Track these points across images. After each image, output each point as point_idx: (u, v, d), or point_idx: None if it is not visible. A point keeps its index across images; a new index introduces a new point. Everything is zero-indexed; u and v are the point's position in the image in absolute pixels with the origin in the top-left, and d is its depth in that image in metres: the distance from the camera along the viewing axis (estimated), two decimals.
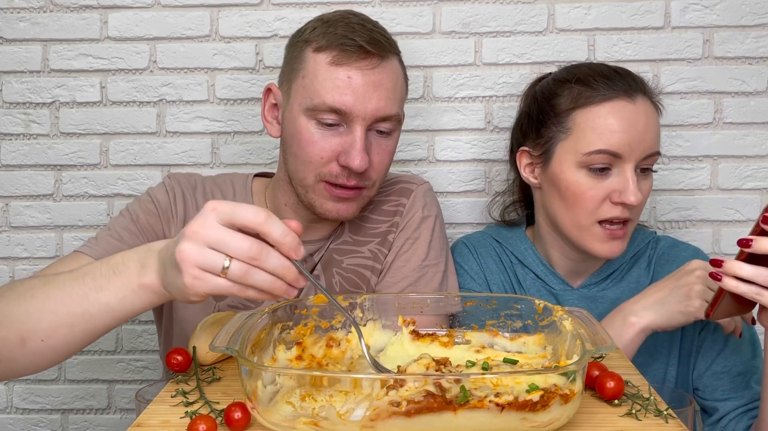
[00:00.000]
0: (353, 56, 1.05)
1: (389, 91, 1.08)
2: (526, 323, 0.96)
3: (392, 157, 1.14)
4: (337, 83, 1.05)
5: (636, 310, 1.09)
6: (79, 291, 0.84)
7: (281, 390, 0.75)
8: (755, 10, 1.45)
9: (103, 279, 0.84)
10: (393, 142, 1.13)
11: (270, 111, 1.16)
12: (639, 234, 1.27)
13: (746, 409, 1.13)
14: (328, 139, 1.07)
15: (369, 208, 1.20)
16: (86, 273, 0.85)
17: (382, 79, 1.07)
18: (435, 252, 1.19)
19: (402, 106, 1.13)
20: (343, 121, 1.07)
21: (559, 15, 1.47)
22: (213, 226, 0.75)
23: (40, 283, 0.88)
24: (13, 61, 1.49)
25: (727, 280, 0.92)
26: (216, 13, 1.48)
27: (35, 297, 0.86)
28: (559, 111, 1.17)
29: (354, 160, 1.05)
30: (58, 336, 0.85)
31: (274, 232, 0.75)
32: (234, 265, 0.75)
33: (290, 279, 0.77)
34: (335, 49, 1.06)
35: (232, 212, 0.75)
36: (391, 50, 1.10)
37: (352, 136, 1.06)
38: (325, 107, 1.05)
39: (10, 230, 1.53)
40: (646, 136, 1.12)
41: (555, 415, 0.71)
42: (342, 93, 1.05)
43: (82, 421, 1.57)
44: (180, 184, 1.20)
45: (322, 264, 1.18)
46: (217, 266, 0.75)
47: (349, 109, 1.05)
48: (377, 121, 1.08)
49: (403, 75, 1.14)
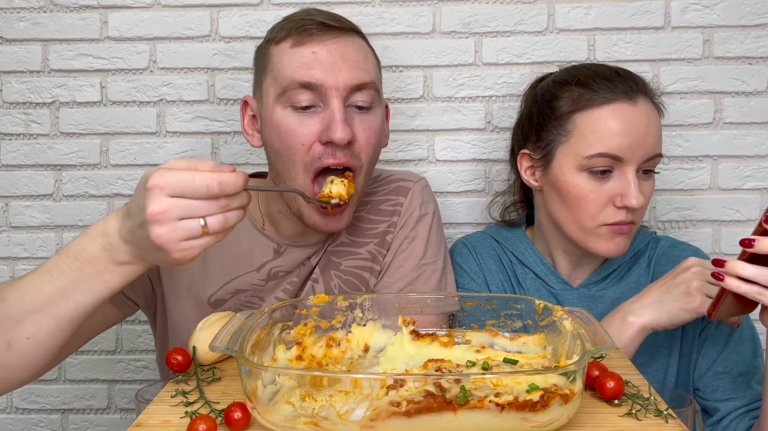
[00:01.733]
0: (314, 33, 1.04)
1: (358, 62, 1.05)
2: (526, 323, 0.96)
3: (379, 138, 1.10)
4: (303, 60, 1.03)
5: (635, 309, 1.09)
6: (53, 286, 0.86)
7: (281, 390, 0.75)
8: (755, 10, 1.45)
9: (75, 271, 0.86)
10: (376, 120, 1.08)
11: (250, 123, 1.15)
12: (639, 234, 1.27)
13: (747, 409, 1.13)
14: (305, 122, 1.04)
15: (366, 208, 1.20)
16: (51, 269, 0.87)
17: (348, 50, 1.05)
18: (433, 250, 1.19)
19: (377, 79, 1.09)
20: (318, 99, 1.04)
21: (559, 15, 1.47)
22: (171, 202, 0.79)
23: (6, 288, 0.90)
24: (13, 61, 1.49)
25: (729, 280, 0.92)
26: (216, 13, 1.48)
27: (8, 300, 0.88)
28: (559, 113, 1.16)
29: (335, 132, 1.01)
30: (44, 329, 0.87)
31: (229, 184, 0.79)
32: (211, 221, 0.80)
33: (245, 202, 0.83)
34: (295, 32, 1.05)
35: (182, 190, 0.79)
36: (353, 29, 1.09)
37: (330, 110, 1.03)
38: (295, 85, 1.03)
39: (10, 230, 1.53)
40: (647, 139, 1.12)
41: (555, 415, 0.71)
42: (309, 67, 1.03)
43: (82, 421, 1.57)
44: None
45: (320, 267, 1.17)
46: (196, 230, 0.79)
47: (320, 80, 1.02)
48: (352, 91, 1.04)
49: (372, 53, 1.11)
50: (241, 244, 1.16)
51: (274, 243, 1.16)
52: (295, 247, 1.16)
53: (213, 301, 1.14)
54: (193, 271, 1.14)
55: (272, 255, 1.16)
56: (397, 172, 1.26)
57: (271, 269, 1.15)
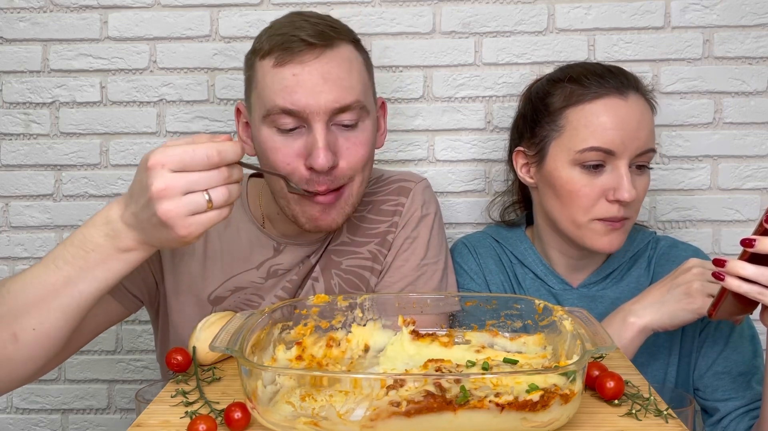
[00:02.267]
0: (295, 52, 1.02)
1: (342, 79, 1.03)
2: (526, 323, 0.96)
3: (369, 148, 1.08)
4: (284, 83, 1.02)
5: (635, 310, 1.09)
6: (58, 275, 0.87)
7: (281, 390, 0.75)
8: (755, 10, 1.45)
9: (79, 260, 0.87)
10: (364, 134, 1.07)
11: (244, 130, 1.15)
12: (639, 234, 1.27)
13: (747, 409, 1.13)
14: (290, 144, 1.03)
15: (367, 208, 1.20)
16: (55, 259, 0.88)
17: (330, 69, 1.02)
18: (434, 251, 1.19)
19: (366, 92, 1.07)
20: (301, 122, 1.03)
21: (559, 15, 1.47)
22: (174, 177, 0.80)
23: (11, 281, 0.91)
24: (13, 61, 1.49)
25: (729, 280, 0.92)
26: (216, 13, 1.48)
27: (13, 292, 0.89)
28: (552, 110, 1.17)
29: (316, 160, 1.01)
30: (50, 319, 0.88)
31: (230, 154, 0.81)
32: (215, 194, 0.81)
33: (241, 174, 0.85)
34: (277, 50, 1.03)
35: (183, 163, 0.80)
36: (338, 38, 1.05)
37: (313, 135, 1.02)
38: (277, 110, 1.02)
39: (10, 230, 1.53)
40: (639, 133, 1.12)
41: (555, 415, 0.71)
42: (290, 92, 1.01)
43: (82, 421, 1.57)
44: None
45: (320, 266, 1.17)
46: (201, 204, 0.81)
47: (302, 107, 1.01)
48: (335, 113, 1.03)
49: (361, 60, 1.08)
50: (241, 242, 1.16)
51: (274, 241, 1.17)
52: (295, 245, 1.16)
53: (213, 299, 1.14)
54: (193, 269, 1.14)
55: (272, 253, 1.16)
56: (399, 173, 1.26)
57: (270, 267, 1.16)
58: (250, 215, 1.18)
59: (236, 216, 1.17)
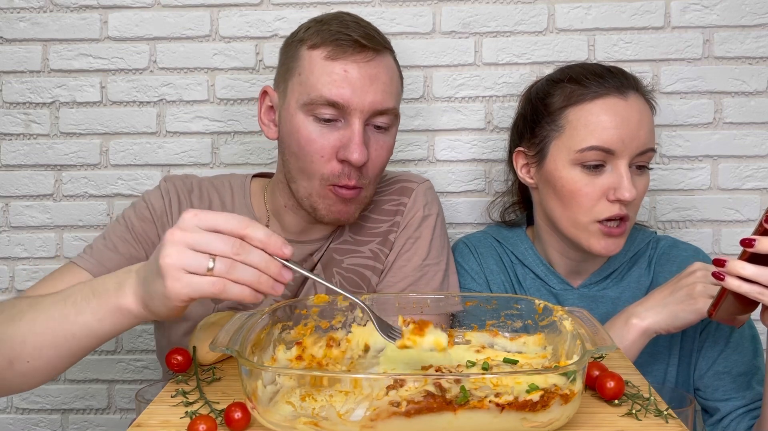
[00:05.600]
0: (348, 50, 1.05)
1: (386, 85, 1.08)
2: (526, 323, 0.96)
3: (389, 155, 1.14)
4: (334, 77, 1.05)
5: (638, 312, 1.09)
6: (62, 313, 0.86)
7: (281, 390, 0.75)
8: (755, 10, 1.45)
9: (83, 302, 0.85)
10: (390, 139, 1.13)
11: (266, 113, 1.16)
12: (639, 234, 1.27)
13: (747, 409, 1.13)
14: (326, 135, 1.06)
15: (369, 208, 1.20)
16: (69, 296, 0.87)
17: (378, 73, 1.07)
18: (436, 251, 1.19)
19: (398, 102, 1.13)
20: (340, 115, 1.06)
21: (559, 15, 1.47)
22: (194, 230, 0.77)
23: (26, 306, 0.89)
24: (13, 61, 1.49)
25: (729, 280, 0.92)
26: (216, 13, 1.48)
27: (22, 319, 0.88)
28: (552, 110, 1.17)
29: (353, 153, 1.04)
30: (43, 357, 0.87)
31: (258, 235, 0.77)
32: (218, 262, 0.76)
33: (273, 273, 0.78)
34: (330, 44, 1.06)
35: (214, 219, 0.77)
36: (385, 46, 1.10)
37: (351, 129, 1.06)
38: (322, 101, 1.05)
39: (10, 230, 1.53)
40: (639, 133, 1.12)
41: (555, 415, 0.71)
42: (339, 86, 1.04)
43: (82, 421, 1.57)
44: (176, 186, 1.20)
45: (322, 264, 1.18)
46: (202, 266, 0.76)
47: (347, 101, 1.05)
48: (375, 114, 1.07)
49: (398, 72, 1.13)
50: None
51: None
52: (298, 243, 1.17)
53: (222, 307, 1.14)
54: None
55: None
56: (401, 173, 1.27)
57: None
58: (253, 214, 1.19)
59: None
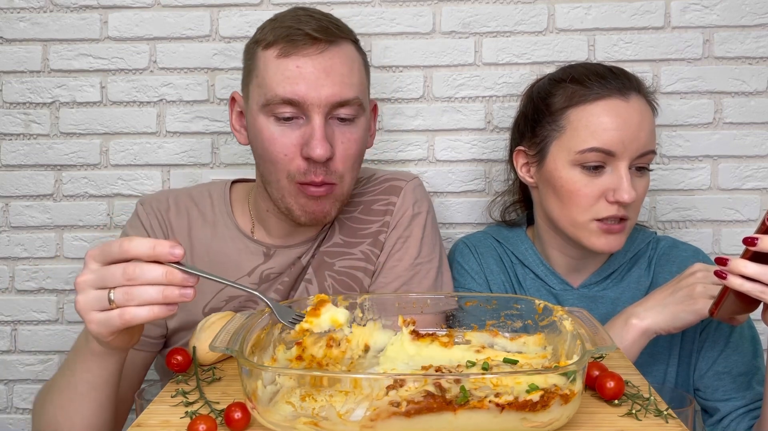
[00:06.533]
0: (300, 45, 1.04)
1: (344, 75, 1.05)
2: (526, 323, 0.96)
3: (360, 148, 1.10)
4: (287, 74, 1.04)
5: (638, 312, 1.09)
6: (67, 382, 0.93)
7: (281, 390, 0.75)
8: (755, 10, 1.45)
9: (73, 363, 0.92)
10: (358, 130, 1.09)
11: (237, 119, 1.16)
12: (639, 234, 1.27)
13: (748, 410, 1.13)
14: (287, 134, 1.05)
15: (359, 209, 1.19)
16: (65, 364, 0.96)
17: (333, 64, 1.05)
18: (427, 249, 1.18)
19: (362, 92, 1.10)
20: (300, 112, 1.05)
21: (559, 15, 1.47)
22: (94, 269, 0.79)
23: (46, 390, 1.00)
24: (13, 61, 1.49)
25: (731, 278, 0.92)
26: (216, 13, 1.48)
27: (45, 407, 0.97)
28: (553, 110, 1.17)
29: (315, 149, 1.03)
30: (77, 426, 0.93)
31: (140, 249, 0.78)
32: (116, 293, 0.78)
33: (178, 281, 0.78)
34: (282, 41, 1.05)
35: (102, 251, 0.79)
36: (341, 36, 1.08)
37: (311, 125, 1.04)
38: (278, 100, 1.04)
39: (10, 230, 1.52)
40: (640, 134, 1.12)
41: (555, 415, 0.71)
42: (293, 83, 1.03)
43: None
44: (153, 208, 1.19)
45: (313, 267, 1.17)
46: (103, 302, 0.78)
47: (302, 98, 1.03)
48: (335, 107, 1.05)
49: (360, 61, 1.11)
50: (228, 252, 1.16)
51: (263, 247, 1.17)
52: (285, 248, 1.17)
53: (208, 311, 1.14)
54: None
55: (262, 259, 1.16)
56: (389, 172, 1.26)
57: (262, 272, 1.16)
58: (235, 223, 1.18)
59: (221, 228, 1.18)
